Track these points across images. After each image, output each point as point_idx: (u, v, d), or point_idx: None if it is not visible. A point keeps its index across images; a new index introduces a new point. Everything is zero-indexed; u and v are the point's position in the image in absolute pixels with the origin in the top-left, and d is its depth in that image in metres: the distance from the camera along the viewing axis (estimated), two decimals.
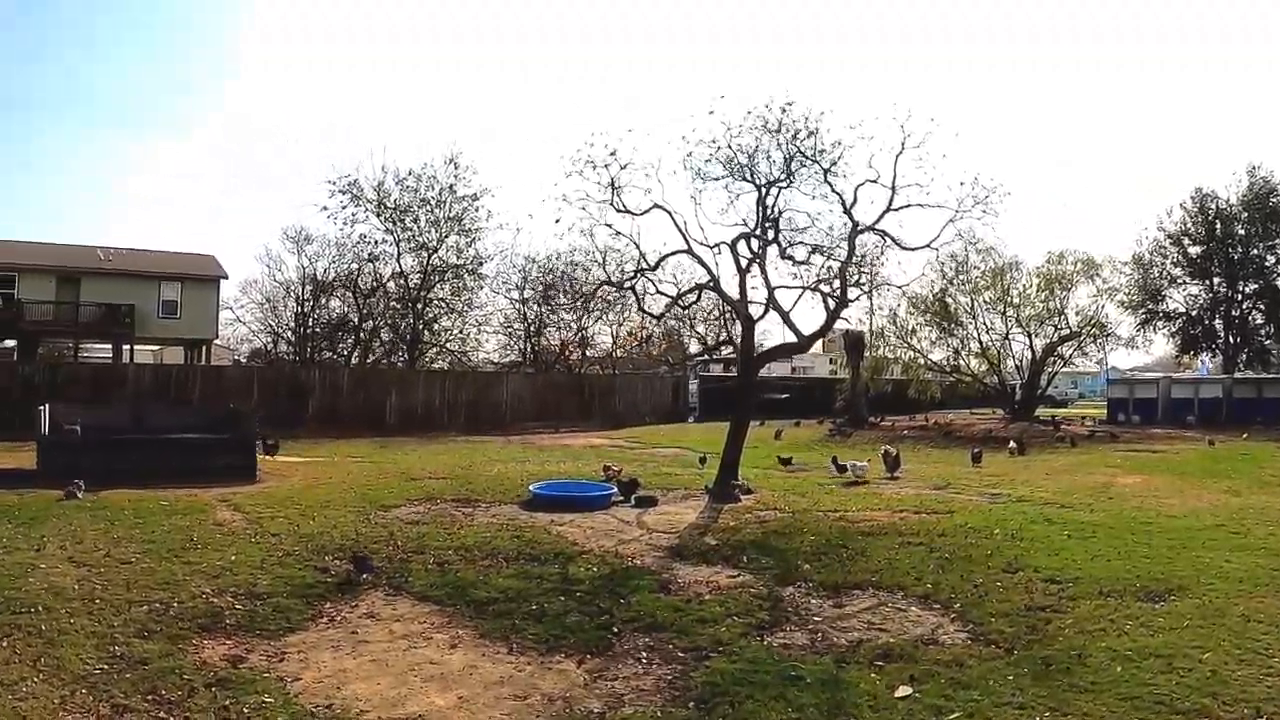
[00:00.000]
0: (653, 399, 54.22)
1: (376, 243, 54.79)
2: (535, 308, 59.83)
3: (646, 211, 20.48)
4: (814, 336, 21.68)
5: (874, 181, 20.54)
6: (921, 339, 51.33)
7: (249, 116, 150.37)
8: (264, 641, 9.71)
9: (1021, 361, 51.12)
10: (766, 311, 21.98)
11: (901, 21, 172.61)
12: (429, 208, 54.33)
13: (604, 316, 60.11)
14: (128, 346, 56.26)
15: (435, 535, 14.55)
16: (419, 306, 55.50)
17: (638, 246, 21.21)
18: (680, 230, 20.65)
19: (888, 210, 20.57)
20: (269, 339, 63.28)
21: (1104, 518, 16.49)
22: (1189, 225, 57.73)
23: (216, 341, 65.81)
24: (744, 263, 20.97)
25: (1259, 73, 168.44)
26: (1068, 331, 49.10)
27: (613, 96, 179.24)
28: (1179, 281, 58.98)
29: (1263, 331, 58.90)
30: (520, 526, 15.48)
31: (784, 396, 58.25)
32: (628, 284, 22.98)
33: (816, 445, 36.27)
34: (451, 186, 53.98)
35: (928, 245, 21.01)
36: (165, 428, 24.44)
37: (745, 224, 21.12)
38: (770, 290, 21.00)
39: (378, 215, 53.92)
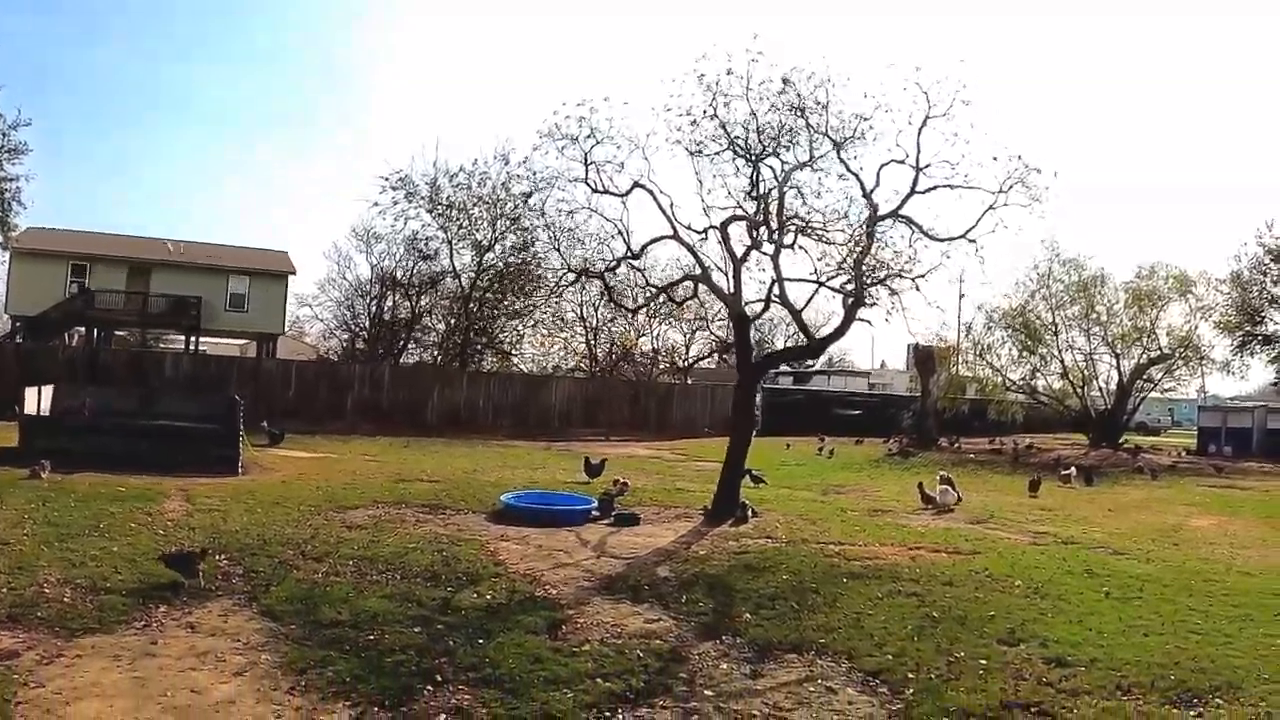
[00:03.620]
0: (713, 410, 51.30)
1: (428, 240, 52.95)
2: (595, 310, 57.40)
3: (628, 192, 18.25)
4: (827, 340, 19.22)
5: (900, 162, 17.87)
6: (1001, 356, 47.89)
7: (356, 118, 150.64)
8: (56, 640, 8.66)
9: (1109, 384, 47.34)
10: (766, 308, 19.50)
11: None
12: (485, 205, 52.21)
13: (671, 318, 57.36)
14: (206, 339, 57.83)
15: (356, 542, 13.35)
16: (471, 306, 53.39)
17: (623, 234, 18.80)
18: (666, 214, 18.27)
19: (911, 193, 17.85)
20: (346, 336, 62.16)
21: (1160, 570, 13.73)
22: None
23: (305, 339, 65.67)
24: (739, 250, 18.35)
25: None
26: (1158, 353, 45.35)
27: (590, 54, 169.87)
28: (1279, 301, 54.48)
29: None
30: (460, 539, 14.11)
31: (856, 414, 55.25)
32: (594, 273, 20.63)
33: (869, 466, 33.46)
34: (505, 184, 51.60)
35: (963, 236, 17.93)
36: (168, 415, 24.29)
37: (740, 206, 18.60)
38: (776, 282, 18.40)
39: (430, 212, 51.95)
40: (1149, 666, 8.78)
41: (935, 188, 17.82)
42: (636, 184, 18.07)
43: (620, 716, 7.72)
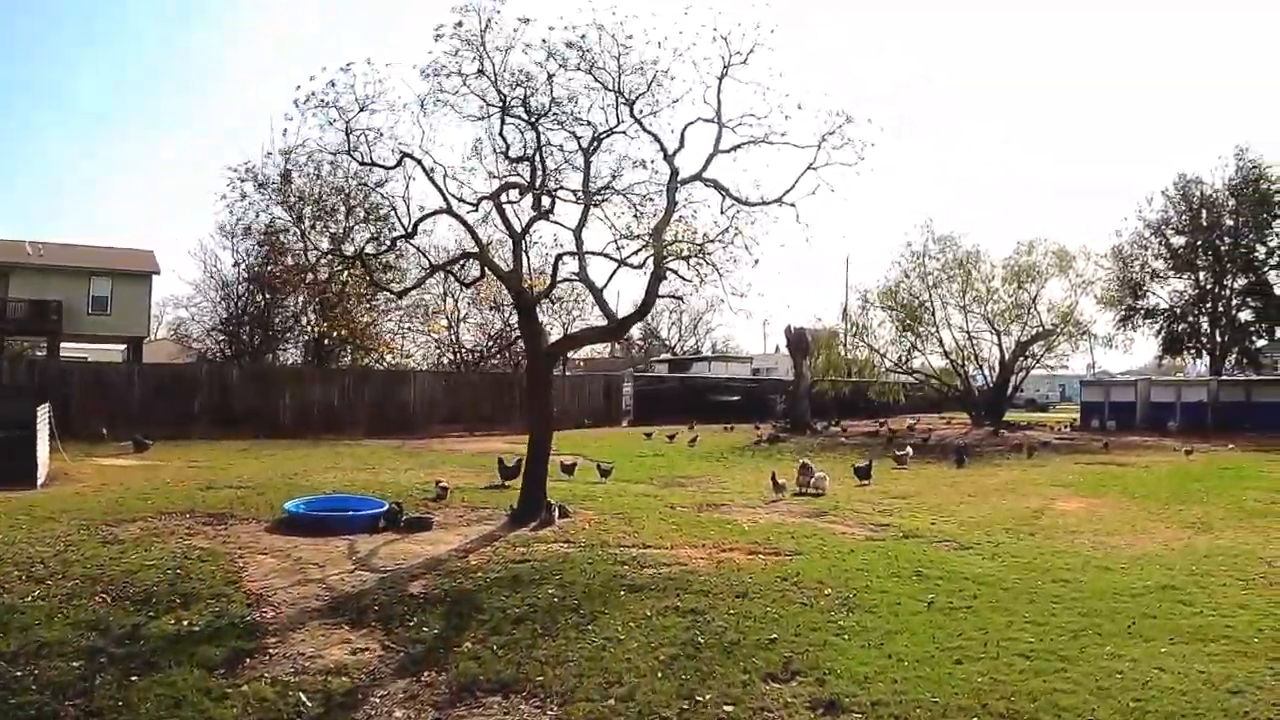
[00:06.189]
0: (582, 401, 49.26)
1: (278, 234, 49.74)
2: (453, 302, 54.75)
3: (397, 164, 16.19)
4: (629, 319, 17.74)
5: (710, 121, 16.07)
6: (879, 336, 46.68)
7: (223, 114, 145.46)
8: None
9: (991, 361, 46.44)
10: (553, 285, 17.68)
11: None
12: (341, 195, 49.09)
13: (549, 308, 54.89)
14: (72, 345, 53.94)
15: (97, 560, 11.76)
16: (329, 299, 50.37)
17: (396, 209, 17.04)
18: (437, 185, 16.20)
19: (715, 152, 16.05)
20: (223, 338, 58.49)
21: (1004, 569, 11.85)
22: (1171, 214, 53.10)
23: (192, 342, 61.90)
24: (518, 223, 16.62)
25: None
26: (1039, 329, 44.39)
27: None
28: (1161, 275, 54.27)
29: (1252, 330, 53.82)
30: (212, 554, 12.50)
31: (734, 399, 53.61)
32: (346, 255, 18.82)
33: (731, 454, 31.45)
34: (357, 172, 48.40)
35: (778, 200, 16.00)
36: None
37: (517, 173, 16.73)
38: (573, 256, 16.49)
39: (281, 204, 48.76)
40: (947, 712, 6.72)
41: (740, 145, 16.03)
42: (406, 154, 16.03)
43: None
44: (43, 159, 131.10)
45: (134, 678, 7.89)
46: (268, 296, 52.95)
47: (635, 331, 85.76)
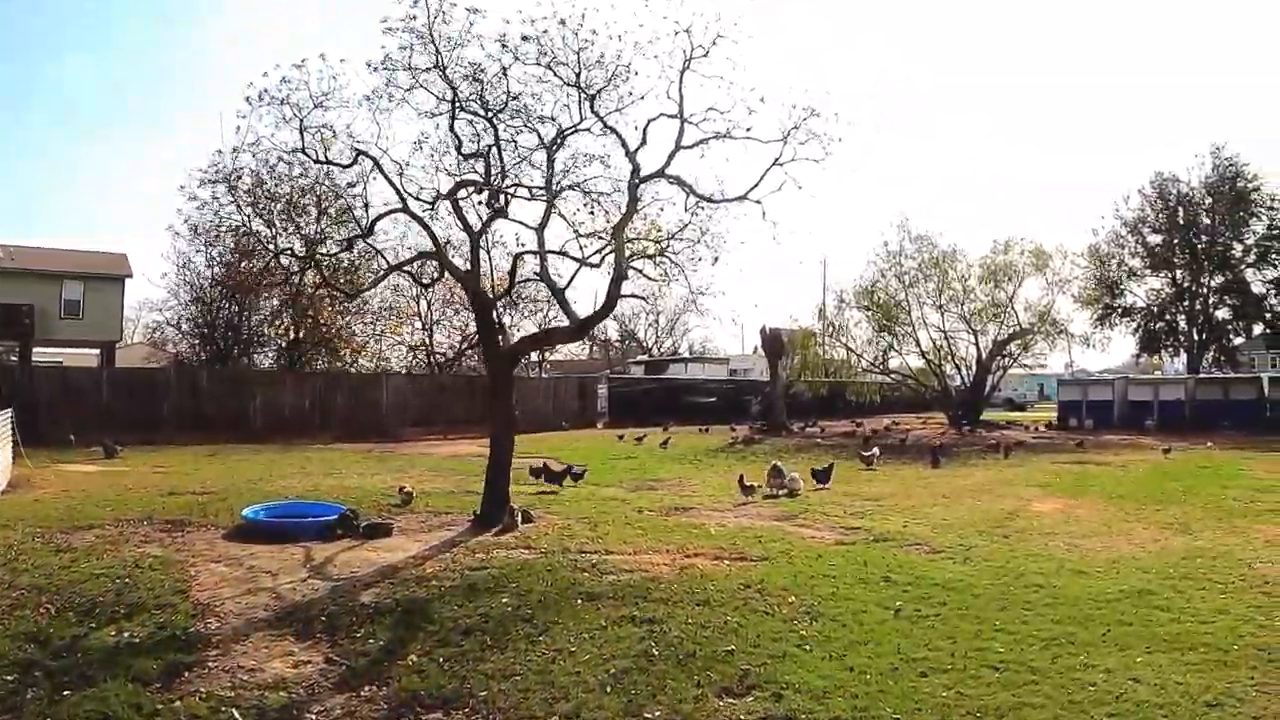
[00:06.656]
0: (556, 403, 48.87)
1: (246, 236, 48.90)
2: (426, 304, 54.12)
3: (353, 162, 16.00)
4: (590, 320, 17.09)
5: (673, 117, 15.71)
6: (856, 337, 46.45)
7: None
8: None
9: (968, 361, 46.15)
10: (511, 286, 17.78)
11: None
12: (312, 195, 48.29)
13: (520, 309, 54.28)
14: (47, 349, 53.55)
15: (45, 569, 11.51)
16: (302, 303, 49.61)
17: (354, 209, 16.78)
18: (393, 184, 16.03)
19: (677, 148, 15.65)
20: (197, 341, 57.50)
21: (976, 573, 11.48)
22: (1148, 212, 53.32)
23: (169, 346, 61.14)
24: (477, 222, 16.36)
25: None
26: (1016, 328, 44.23)
27: None
28: (1138, 274, 54.43)
29: (1230, 328, 54.03)
30: (164, 562, 12.18)
31: (710, 400, 53.34)
32: (303, 255, 18.69)
33: (705, 456, 30.96)
34: (328, 173, 47.54)
35: (743, 197, 15.82)
36: None
37: (475, 170, 16.47)
38: (535, 255, 16.22)
39: (252, 206, 47.93)
40: None
41: (704, 140, 15.68)
42: (360, 152, 15.76)
43: None
44: (42, 158, 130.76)
45: (66, 692, 7.58)
46: (238, 299, 52.22)
47: (613, 333, 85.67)
